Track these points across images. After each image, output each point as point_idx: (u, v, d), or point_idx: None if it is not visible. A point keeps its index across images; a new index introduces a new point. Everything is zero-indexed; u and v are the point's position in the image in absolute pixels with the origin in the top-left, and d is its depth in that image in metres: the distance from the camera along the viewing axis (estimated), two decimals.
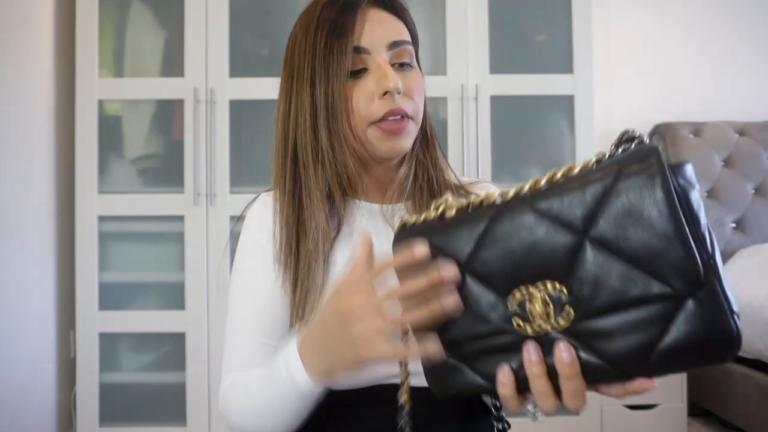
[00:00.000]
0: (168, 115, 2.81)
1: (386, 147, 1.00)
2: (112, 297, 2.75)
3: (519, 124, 2.85)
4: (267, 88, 2.75)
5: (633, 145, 0.66)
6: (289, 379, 0.87)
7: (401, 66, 1.01)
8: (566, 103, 2.80)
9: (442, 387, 0.74)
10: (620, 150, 0.66)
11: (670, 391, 2.86)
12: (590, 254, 0.63)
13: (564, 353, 0.65)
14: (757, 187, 3.23)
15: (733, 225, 3.20)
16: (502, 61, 2.80)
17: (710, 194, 3.20)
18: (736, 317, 0.61)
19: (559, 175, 0.67)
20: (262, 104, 2.77)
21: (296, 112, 1.04)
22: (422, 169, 1.06)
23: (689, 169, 0.64)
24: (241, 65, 2.76)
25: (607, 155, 0.66)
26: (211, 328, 2.72)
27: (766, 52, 3.47)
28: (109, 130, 2.78)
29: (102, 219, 2.74)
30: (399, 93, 0.98)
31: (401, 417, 0.82)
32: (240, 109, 2.76)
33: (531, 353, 0.67)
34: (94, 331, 2.72)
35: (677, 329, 0.61)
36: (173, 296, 2.75)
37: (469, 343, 0.70)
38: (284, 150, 1.06)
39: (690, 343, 0.61)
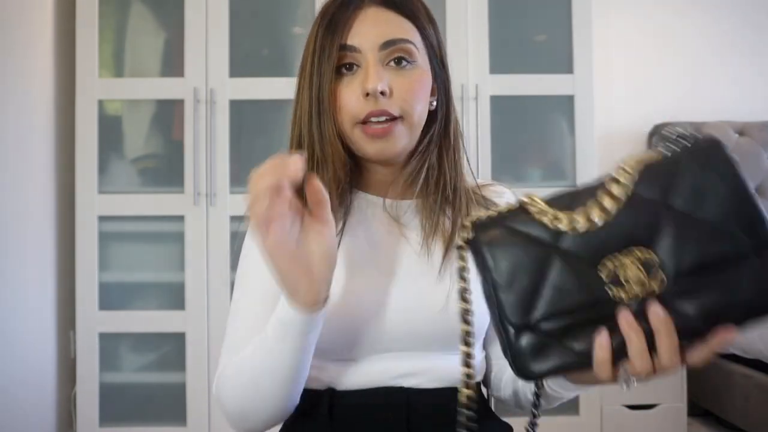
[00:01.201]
0: (168, 115, 2.81)
1: (371, 149, 0.99)
2: (112, 297, 2.75)
3: (519, 124, 2.85)
4: (267, 88, 2.76)
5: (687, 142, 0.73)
6: (275, 317, 0.88)
7: (397, 64, 0.99)
8: (566, 103, 2.80)
9: (528, 368, 0.73)
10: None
11: (670, 391, 2.86)
12: (672, 222, 0.70)
13: (659, 310, 0.69)
14: (757, 187, 3.23)
15: None
16: (502, 61, 2.80)
17: None
18: None
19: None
20: (262, 104, 2.77)
21: (300, 108, 1.03)
22: (435, 171, 1.04)
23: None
24: (241, 65, 2.76)
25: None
26: (211, 328, 2.72)
27: (765, 53, 3.47)
28: (109, 130, 2.78)
29: (102, 219, 2.74)
30: (384, 94, 0.96)
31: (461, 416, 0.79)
32: (240, 109, 2.76)
33: (626, 316, 0.70)
34: (94, 331, 2.72)
35: (751, 282, 0.68)
36: (173, 296, 2.75)
37: (558, 319, 0.72)
38: (290, 146, 1.06)
39: (762, 293, 0.69)
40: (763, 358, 2.55)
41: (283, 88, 2.79)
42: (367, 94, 0.97)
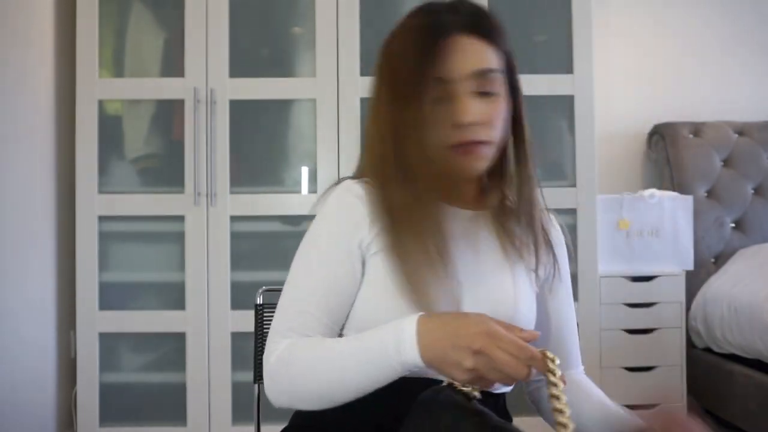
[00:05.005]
0: (168, 115, 2.81)
1: (460, 168, 1.05)
2: (112, 297, 2.75)
3: None
4: (267, 88, 2.76)
5: None
6: (395, 349, 0.92)
7: (484, 94, 1.03)
8: (566, 103, 2.80)
9: None
10: None
11: (670, 391, 2.86)
12: None
13: None
14: (756, 187, 3.23)
15: (733, 225, 3.20)
16: None
17: (710, 194, 3.20)
18: None
19: None
20: (262, 104, 2.77)
21: (382, 127, 1.06)
22: (511, 183, 1.10)
23: None
24: (241, 65, 2.76)
25: None
26: (211, 328, 2.72)
27: (765, 53, 3.47)
28: (109, 130, 2.78)
29: (102, 219, 2.74)
30: (475, 123, 1.02)
31: None
32: (240, 109, 2.75)
33: None
34: (94, 331, 2.72)
35: None
36: (173, 296, 2.75)
37: None
38: (370, 160, 1.09)
39: None
40: (763, 358, 2.55)
41: (283, 88, 2.80)
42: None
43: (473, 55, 1.03)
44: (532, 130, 1.16)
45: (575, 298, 2.78)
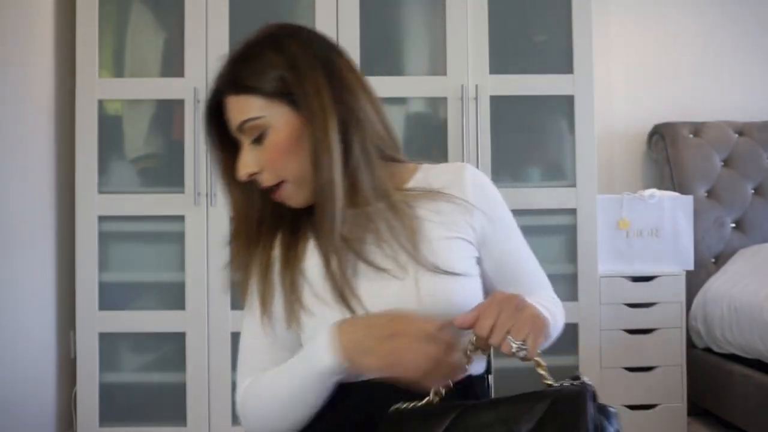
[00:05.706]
0: (168, 115, 2.81)
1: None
2: (112, 297, 2.75)
3: (519, 124, 2.84)
4: None
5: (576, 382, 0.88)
6: (309, 362, 0.98)
7: (254, 141, 1.05)
8: (566, 103, 2.80)
9: None
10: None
11: (670, 391, 2.86)
12: None
13: None
14: (756, 187, 3.22)
15: (733, 225, 3.20)
16: (502, 61, 2.80)
17: (710, 194, 3.20)
18: None
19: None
20: None
21: None
22: (363, 182, 1.05)
23: (613, 412, 0.89)
24: None
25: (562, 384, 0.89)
26: (211, 328, 2.72)
27: (765, 53, 3.47)
28: (109, 130, 2.78)
29: (102, 219, 2.74)
30: (256, 173, 1.04)
31: None
32: None
33: None
34: (94, 331, 2.72)
35: None
36: (173, 296, 2.75)
37: None
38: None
39: None
40: (763, 358, 2.55)
41: None
42: None
43: (233, 112, 1.06)
44: (532, 130, 1.16)
45: (575, 297, 2.78)
